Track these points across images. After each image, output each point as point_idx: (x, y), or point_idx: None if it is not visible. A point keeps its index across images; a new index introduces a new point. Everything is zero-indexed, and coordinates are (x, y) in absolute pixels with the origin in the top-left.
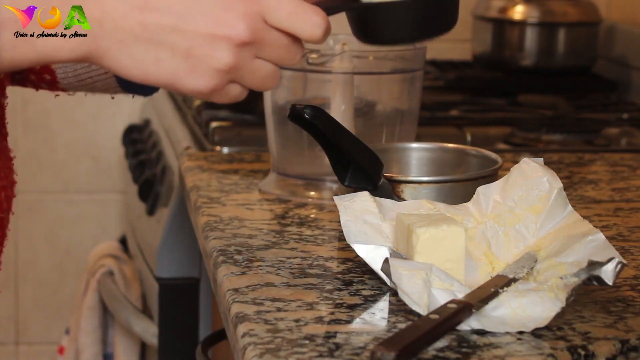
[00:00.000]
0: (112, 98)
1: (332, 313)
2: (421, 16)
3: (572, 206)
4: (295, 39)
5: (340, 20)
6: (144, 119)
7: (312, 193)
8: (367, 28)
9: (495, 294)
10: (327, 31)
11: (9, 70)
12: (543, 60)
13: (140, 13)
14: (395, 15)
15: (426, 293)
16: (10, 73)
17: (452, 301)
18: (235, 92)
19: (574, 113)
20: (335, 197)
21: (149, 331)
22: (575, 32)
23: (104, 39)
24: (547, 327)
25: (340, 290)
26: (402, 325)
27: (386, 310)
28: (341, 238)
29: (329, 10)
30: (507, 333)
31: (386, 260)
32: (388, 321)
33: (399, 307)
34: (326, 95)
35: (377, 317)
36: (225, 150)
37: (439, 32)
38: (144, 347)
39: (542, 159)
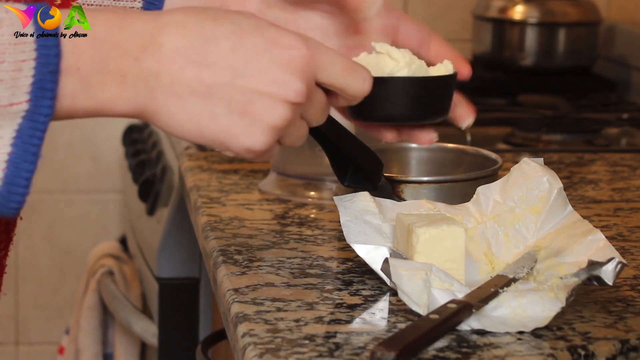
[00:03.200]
0: None
1: (332, 313)
2: (416, 96)
3: (572, 206)
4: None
5: None
6: None
7: (312, 193)
8: (370, 103)
9: (495, 294)
10: (369, 88)
11: (63, 119)
12: (543, 60)
13: (197, 67)
14: (390, 91)
15: (426, 293)
16: None
17: (452, 301)
18: (274, 152)
19: (574, 113)
20: (335, 197)
21: (149, 331)
22: (575, 32)
23: (161, 92)
24: (547, 327)
25: (340, 290)
26: (402, 325)
27: (386, 310)
28: (341, 238)
29: None
30: (507, 333)
31: (386, 260)
32: (388, 321)
33: (399, 307)
34: None
35: (377, 317)
36: None
37: (428, 117)
38: (144, 347)
39: (542, 159)
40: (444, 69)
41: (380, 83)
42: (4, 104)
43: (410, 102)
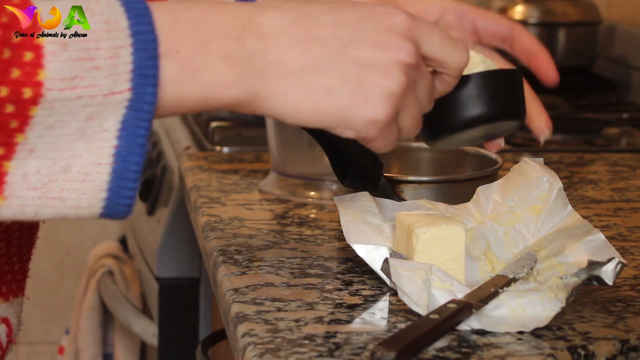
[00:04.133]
0: None
1: (332, 313)
2: (499, 90)
3: (572, 206)
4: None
5: None
6: None
7: (312, 193)
8: (441, 115)
9: (495, 294)
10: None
11: (170, 111)
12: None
13: (304, 43)
14: (473, 88)
15: (426, 293)
16: None
17: (452, 301)
18: (394, 136)
19: (574, 113)
20: (335, 197)
21: (149, 331)
22: (575, 32)
23: (270, 72)
24: (547, 327)
25: (340, 290)
26: (402, 325)
27: (386, 310)
28: (341, 238)
29: None
30: (507, 333)
31: (386, 260)
32: (388, 321)
33: (399, 307)
34: None
35: (377, 317)
36: (225, 150)
37: (510, 115)
38: (144, 347)
39: (542, 159)
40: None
41: (460, 83)
42: (105, 93)
43: (493, 97)
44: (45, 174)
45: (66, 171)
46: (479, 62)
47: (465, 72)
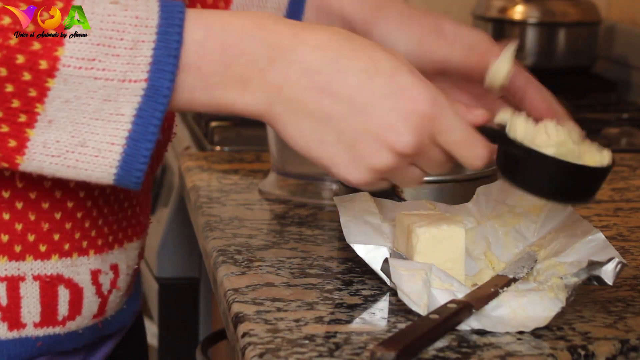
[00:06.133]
0: None
1: (332, 313)
2: (563, 178)
3: (572, 206)
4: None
5: None
6: None
7: (312, 193)
8: (510, 166)
9: (495, 294)
10: (489, 162)
11: (182, 109)
12: (543, 60)
13: (320, 93)
14: (540, 168)
15: (426, 293)
16: None
17: (452, 301)
18: (382, 185)
19: (574, 113)
20: (335, 197)
21: (149, 331)
22: (575, 32)
23: (279, 105)
24: (547, 327)
25: (340, 290)
26: (402, 325)
27: (386, 310)
28: (341, 238)
29: (489, 139)
30: (507, 333)
31: (386, 260)
32: (388, 321)
33: (399, 307)
34: None
35: (377, 317)
36: (226, 150)
37: (574, 201)
38: None
39: None
40: (599, 156)
41: (524, 154)
42: (120, 79)
43: (548, 182)
44: (63, 145)
45: (82, 145)
46: (553, 145)
47: (537, 147)
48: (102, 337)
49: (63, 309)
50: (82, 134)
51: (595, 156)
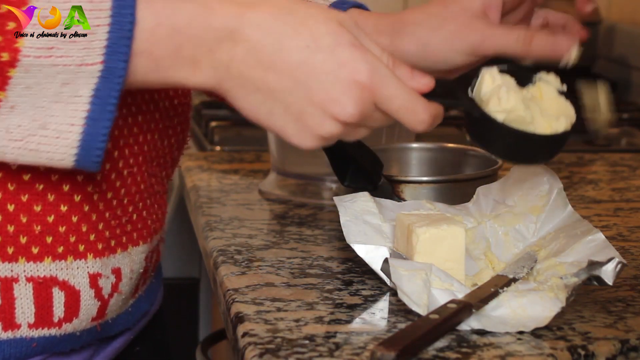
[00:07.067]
0: None
1: (332, 313)
2: (511, 142)
3: (572, 206)
4: None
5: None
6: None
7: (312, 193)
8: (471, 125)
9: (495, 294)
10: (433, 125)
11: (140, 88)
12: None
13: (265, 70)
14: (491, 131)
15: (426, 293)
16: None
17: (452, 301)
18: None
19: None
20: (335, 197)
21: None
22: None
23: (228, 82)
24: (547, 327)
25: (340, 290)
26: (402, 325)
27: (386, 310)
28: (341, 238)
29: (443, 104)
30: (507, 333)
31: (386, 260)
32: (388, 321)
33: (399, 307)
34: None
35: (377, 317)
36: (226, 150)
37: (526, 162)
38: None
39: None
40: (555, 123)
41: (480, 116)
42: (77, 63)
43: (499, 144)
44: (25, 129)
45: (43, 128)
46: (501, 111)
47: (505, 109)
48: (102, 338)
49: (59, 310)
50: (43, 117)
51: (552, 123)
